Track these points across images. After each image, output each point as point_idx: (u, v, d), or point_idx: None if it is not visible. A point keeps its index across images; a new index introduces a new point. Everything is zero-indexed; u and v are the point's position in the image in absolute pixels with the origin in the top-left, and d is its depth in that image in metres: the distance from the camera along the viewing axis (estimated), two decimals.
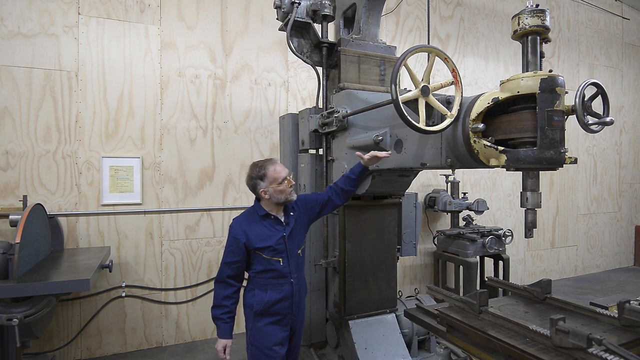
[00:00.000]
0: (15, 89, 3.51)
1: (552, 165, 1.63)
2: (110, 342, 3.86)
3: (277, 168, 2.26)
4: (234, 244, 2.21)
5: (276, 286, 2.26)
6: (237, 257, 2.21)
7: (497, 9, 6.06)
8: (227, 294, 2.21)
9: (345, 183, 2.48)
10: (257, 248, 2.21)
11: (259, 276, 2.26)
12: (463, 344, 1.89)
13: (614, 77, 7.31)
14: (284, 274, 2.27)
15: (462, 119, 1.81)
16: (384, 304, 3.14)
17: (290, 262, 2.29)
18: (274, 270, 2.25)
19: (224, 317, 2.20)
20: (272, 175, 2.24)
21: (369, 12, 3.09)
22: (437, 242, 5.11)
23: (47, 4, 3.61)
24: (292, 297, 2.29)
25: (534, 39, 1.68)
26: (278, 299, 2.25)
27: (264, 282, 2.25)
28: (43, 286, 2.49)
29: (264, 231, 2.25)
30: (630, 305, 1.71)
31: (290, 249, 2.29)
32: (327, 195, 2.49)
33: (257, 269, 2.25)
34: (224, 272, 2.22)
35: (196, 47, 4.19)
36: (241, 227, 2.23)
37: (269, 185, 2.23)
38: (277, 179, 2.24)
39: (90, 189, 3.77)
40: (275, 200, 2.26)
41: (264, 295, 2.24)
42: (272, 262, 2.24)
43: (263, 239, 2.23)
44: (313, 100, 4.52)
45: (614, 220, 7.40)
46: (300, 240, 2.38)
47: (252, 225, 2.26)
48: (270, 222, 2.29)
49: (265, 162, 2.30)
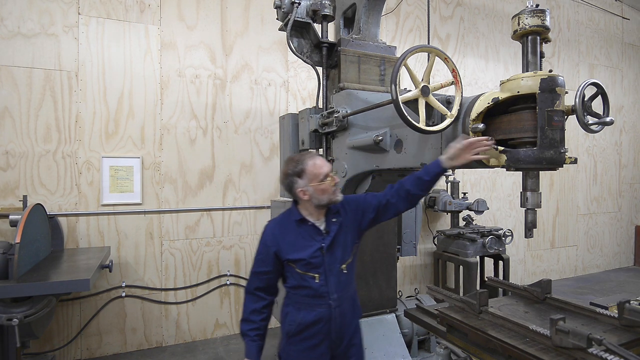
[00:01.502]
0: (15, 89, 3.51)
1: (552, 165, 1.63)
2: (110, 342, 3.86)
3: (317, 162, 1.88)
4: (264, 252, 1.92)
5: (310, 306, 1.90)
6: (266, 267, 1.91)
7: (497, 9, 6.06)
8: (256, 308, 1.91)
9: (415, 185, 1.94)
10: (289, 260, 1.88)
11: (293, 292, 1.93)
12: (463, 344, 1.89)
13: (614, 77, 7.31)
14: (320, 294, 1.88)
15: (462, 119, 1.81)
16: (384, 304, 3.14)
17: (329, 280, 1.89)
18: (308, 288, 1.88)
19: (250, 335, 1.89)
20: (311, 170, 1.86)
21: (369, 12, 3.08)
22: (437, 242, 5.11)
23: (47, 4, 3.61)
24: (332, 320, 1.90)
25: (534, 39, 1.68)
26: (311, 322, 1.88)
27: (298, 299, 1.92)
28: (43, 286, 2.48)
29: (298, 240, 1.90)
30: (630, 305, 1.71)
31: (329, 264, 1.90)
32: (385, 198, 2.00)
33: (291, 284, 1.93)
34: (252, 282, 1.94)
35: (196, 47, 4.19)
36: (273, 233, 1.93)
37: (308, 184, 1.86)
38: (318, 176, 1.85)
39: (90, 189, 3.77)
40: (316, 201, 1.88)
41: (296, 315, 1.91)
42: (306, 278, 1.88)
43: (296, 249, 1.88)
44: (313, 100, 4.52)
45: (614, 220, 7.40)
46: (345, 252, 1.95)
47: (286, 231, 1.93)
48: (306, 230, 1.92)
49: (303, 155, 1.94)
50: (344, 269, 1.93)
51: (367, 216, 2.00)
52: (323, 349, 1.91)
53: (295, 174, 1.88)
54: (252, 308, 1.91)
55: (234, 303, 4.36)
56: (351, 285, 2.01)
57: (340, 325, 1.93)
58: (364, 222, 2.01)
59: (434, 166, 1.89)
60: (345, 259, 1.95)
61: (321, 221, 1.95)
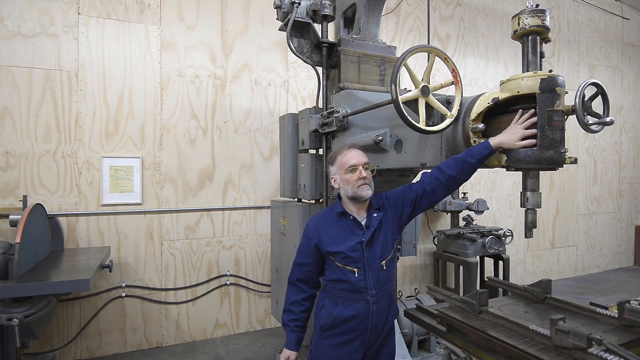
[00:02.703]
0: (15, 89, 3.51)
1: (552, 165, 1.63)
2: (110, 342, 3.86)
3: (350, 153, 1.92)
4: (306, 244, 1.97)
5: (348, 301, 1.90)
6: (308, 259, 1.96)
7: (497, 9, 6.06)
8: (297, 300, 1.97)
9: (459, 169, 1.78)
10: (329, 252, 1.91)
11: (331, 285, 1.95)
12: (463, 344, 1.89)
13: (614, 77, 7.31)
14: (358, 288, 1.89)
15: (462, 119, 1.81)
16: None
17: (368, 275, 1.89)
18: (347, 282, 1.89)
19: (290, 325, 1.96)
20: (340, 159, 1.92)
21: (369, 12, 3.08)
22: (437, 242, 5.11)
23: (47, 4, 3.61)
24: (369, 317, 1.90)
25: (534, 39, 1.68)
26: (348, 317, 1.89)
27: (336, 293, 1.93)
28: (43, 286, 2.48)
29: (338, 233, 1.92)
30: (630, 305, 1.71)
31: (369, 259, 1.89)
32: (421, 188, 1.93)
33: (330, 277, 1.95)
34: (295, 273, 2.00)
35: (196, 47, 4.19)
36: (315, 226, 1.98)
37: (337, 172, 1.93)
38: (344, 165, 1.89)
39: (90, 189, 3.77)
40: (343, 192, 1.93)
41: (333, 309, 1.92)
42: (345, 272, 1.89)
43: (336, 242, 1.91)
44: (313, 100, 4.53)
45: (614, 220, 7.40)
46: (386, 248, 1.94)
47: (327, 224, 1.96)
48: (347, 224, 1.94)
49: (345, 146, 2.01)
50: (383, 265, 1.94)
51: (406, 210, 1.99)
52: (356, 345, 1.91)
53: (330, 162, 2.01)
54: (294, 299, 1.98)
55: (234, 303, 4.36)
56: (390, 283, 2.01)
57: (377, 323, 1.94)
58: (403, 217, 2.01)
59: (483, 147, 1.70)
60: (385, 255, 1.95)
61: (362, 216, 1.96)
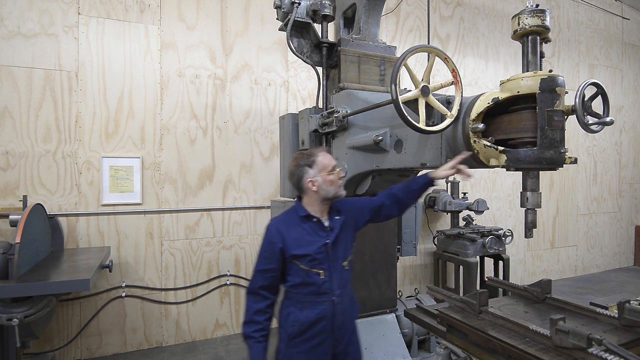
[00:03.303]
0: (15, 89, 3.51)
1: (552, 165, 1.63)
2: (110, 342, 3.86)
3: (327, 155, 2.00)
4: (269, 249, 1.90)
5: (314, 304, 1.91)
6: (272, 265, 1.90)
7: (497, 9, 6.06)
8: (260, 308, 1.89)
9: (405, 194, 2.09)
10: (294, 255, 1.89)
11: (295, 291, 1.93)
12: (463, 344, 1.89)
13: (614, 77, 7.31)
14: (323, 290, 1.91)
15: (462, 119, 1.81)
16: (384, 304, 3.14)
17: (333, 276, 1.93)
18: (312, 285, 1.90)
19: (256, 336, 1.86)
20: (322, 161, 1.94)
21: (369, 12, 3.08)
22: (437, 242, 5.11)
23: (47, 4, 3.61)
24: (333, 318, 1.92)
25: (534, 39, 1.68)
26: (314, 320, 1.90)
27: (301, 298, 1.92)
28: (43, 286, 2.48)
29: (303, 235, 1.92)
30: (630, 305, 1.71)
31: (333, 260, 1.94)
32: (380, 201, 2.11)
33: (293, 282, 1.92)
34: (256, 281, 1.91)
35: (196, 47, 4.19)
36: (278, 230, 1.92)
37: (318, 174, 1.93)
38: (327, 167, 1.94)
39: (90, 189, 3.77)
40: (323, 193, 1.93)
41: (299, 315, 1.90)
42: (311, 275, 1.90)
43: (302, 245, 1.90)
44: (313, 100, 4.52)
45: (614, 220, 7.40)
46: (346, 250, 2.02)
47: (291, 227, 1.94)
48: (311, 226, 1.96)
49: (313, 149, 2.04)
50: (345, 265, 1.99)
51: (364, 217, 2.10)
52: (326, 348, 1.93)
53: (306, 164, 1.94)
54: (257, 308, 1.89)
55: (234, 303, 4.36)
56: (350, 282, 2.07)
57: (342, 322, 1.96)
58: (360, 223, 2.10)
59: (424, 178, 2.04)
60: (346, 256, 2.01)
61: (325, 218, 2.00)
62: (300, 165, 1.95)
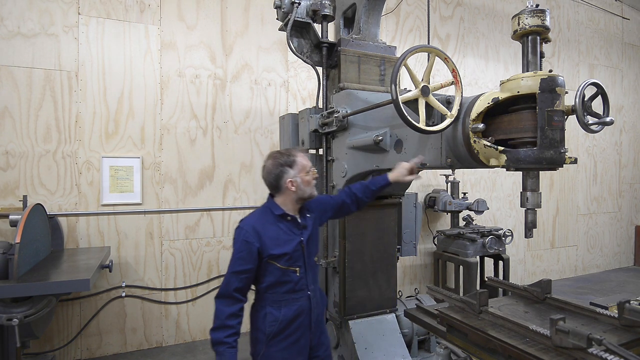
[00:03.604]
0: (15, 89, 3.51)
1: (552, 165, 1.63)
2: (110, 342, 3.86)
3: (304, 155, 2.04)
4: (245, 249, 1.86)
5: (291, 301, 1.93)
6: (248, 265, 1.86)
7: (497, 9, 6.06)
8: (233, 312, 1.83)
9: (364, 192, 2.24)
10: (272, 255, 1.88)
11: (271, 291, 1.92)
12: (463, 344, 1.89)
13: (614, 77, 7.31)
14: (299, 287, 1.95)
15: (462, 119, 1.81)
16: (384, 304, 3.14)
17: (308, 272, 1.98)
18: (289, 282, 1.92)
19: (229, 341, 1.80)
20: (302, 162, 1.96)
21: (369, 12, 3.08)
22: (437, 242, 5.11)
23: (47, 4, 3.61)
24: (310, 313, 1.97)
25: (534, 39, 1.68)
26: (293, 316, 1.92)
27: (277, 297, 1.92)
28: (43, 286, 2.48)
29: (280, 235, 1.92)
30: (630, 305, 1.71)
31: (307, 257, 1.99)
32: (341, 199, 2.23)
33: (269, 282, 1.91)
34: (230, 284, 1.84)
35: (196, 47, 4.19)
36: (254, 229, 1.88)
37: (297, 174, 1.94)
38: (306, 167, 1.97)
39: (90, 189, 3.77)
40: (300, 193, 1.96)
41: (277, 314, 1.90)
42: (288, 273, 1.91)
43: (279, 244, 1.90)
44: (313, 100, 4.52)
45: (614, 220, 7.39)
46: (316, 246, 2.10)
47: (267, 227, 1.92)
48: (287, 225, 1.96)
49: (290, 149, 2.05)
50: (316, 260, 2.12)
51: (327, 215, 2.22)
52: (304, 341, 1.97)
53: (287, 164, 1.95)
54: (229, 312, 1.82)
55: None
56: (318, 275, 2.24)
57: (317, 315, 2.04)
58: (323, 219, 2.22)
59: (382, 179, 2.24)
60: (317, 252, 2.14)
61: (297, 217, 2.03)
62: (281, 165, 1.94)
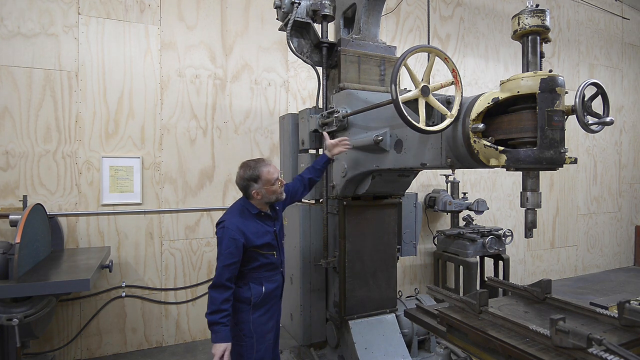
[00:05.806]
0: (15, 89, 3.51)
1: (552, 165, 1.63)
2: (110, 342, 3.86)
3: (270, 169, 2.31)
4: (233, 245, 2.19)
5: (271, 278, 2.38)
6: (236, 258, 2.21)
7: (497, 9, 6.06)
8: (226, 297, 2.18)
9: (313, 173, 2.69)
10: (255, 246, 2.26)
11: (255, 272, 2.32)
12: (463, 344, 1.89)
13: (614, 77, 7.31)
14: (276, 266, 2.41)
15: (462, 119, 1.81)
16: (384, 304, 3.14)
17: (281, 254, 2.44)
18: (269, 264, 2.35)
19: (224, 321, 2.16)
20: (265, 177, 2.29)
21: (369, 12, 3.08)
22: (437, 242, 5.11)
23: (47, 4, 3.61)
24: (282, 285, 2.48)
25: (534, 39, 1.68)
26: (272, 289, 2.38)
27: (258, 275, 2.33)
28: (43, 286, 2.49)
29: (259, 228, 2.31)
30: (630, 305, 1.71)
31: (279, 242, 2.43)
32: (295, 188, 2.63)
33: (253, 265, 2.30)
34: (223, 275, 2.18)
35: (196, 47, 4.19)
36: (238, 228, 2.23)
37: (262, 187, 2.29)
38: (270, 180, 2.30)
39: (90, 189, 3.77)
40: (266, 200, 2.33)
41: (260, 288, 2.32)
42: (268, 257, 2.34)
43: (260, 236, 2.29)
44: (313, 100, 4.52)
45: (614, 220, 7.40)
46: (282, 231, 2.54)
47: (247, 223, 2.28)
48: (263, 219, 2.37)
49: (257, 163, 2.33)
50: (284, 243, 2.54)
51: (286, 202, 2.59)
52: (277, 307, 2.48)
53: (251, 179, 2.29)
54: (223, 298, 2.17)
55: None
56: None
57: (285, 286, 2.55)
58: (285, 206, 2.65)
59: (322, 157, 2.71)
60: (283, 236, 2.56)
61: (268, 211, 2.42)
62: (245, 179, 2.30)
